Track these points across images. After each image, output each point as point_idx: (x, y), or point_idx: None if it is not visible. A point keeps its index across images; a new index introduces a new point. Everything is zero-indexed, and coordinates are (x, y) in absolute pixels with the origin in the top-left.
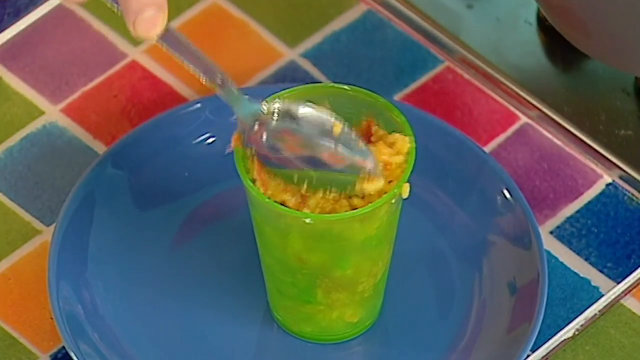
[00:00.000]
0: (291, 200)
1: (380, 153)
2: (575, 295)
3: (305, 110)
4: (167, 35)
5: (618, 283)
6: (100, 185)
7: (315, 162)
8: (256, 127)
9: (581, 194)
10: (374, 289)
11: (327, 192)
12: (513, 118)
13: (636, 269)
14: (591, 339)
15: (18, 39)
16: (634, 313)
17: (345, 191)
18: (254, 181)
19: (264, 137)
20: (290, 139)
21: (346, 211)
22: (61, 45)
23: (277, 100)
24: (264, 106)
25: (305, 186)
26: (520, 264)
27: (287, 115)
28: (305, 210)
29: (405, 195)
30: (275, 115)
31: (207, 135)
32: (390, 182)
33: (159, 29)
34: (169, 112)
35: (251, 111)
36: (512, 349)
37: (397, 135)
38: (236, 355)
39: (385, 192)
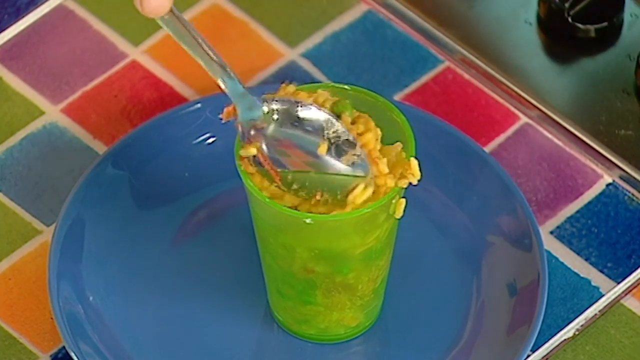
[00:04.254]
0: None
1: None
2: (575, 295)
3: (304, 114)
4: (174, 21)
5: (618, 283)
6: (100, 185)
7: (314, 163)
8: (252, 132)
9: (581, 194)
10: (374, 292)
11: (322, 195)
12: (513, 118)
13: (636, 269)
14: (591, 339)
15: (18, 39)
16: (634, 313)
17: (336, 196)
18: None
19: (263, 145)
20: (288, 146)
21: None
22: (61, 45)
23: (275, 100)
24: (264, 107)
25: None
26: (521, 264)
27: (286, 119)
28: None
29: (399, 214)
30: (275, 117)
31: (207, 135)
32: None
33: (164, 10)
34: (169, 112)
35: (249, 117)
36: (512, 350)
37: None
38: (236, 355)
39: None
